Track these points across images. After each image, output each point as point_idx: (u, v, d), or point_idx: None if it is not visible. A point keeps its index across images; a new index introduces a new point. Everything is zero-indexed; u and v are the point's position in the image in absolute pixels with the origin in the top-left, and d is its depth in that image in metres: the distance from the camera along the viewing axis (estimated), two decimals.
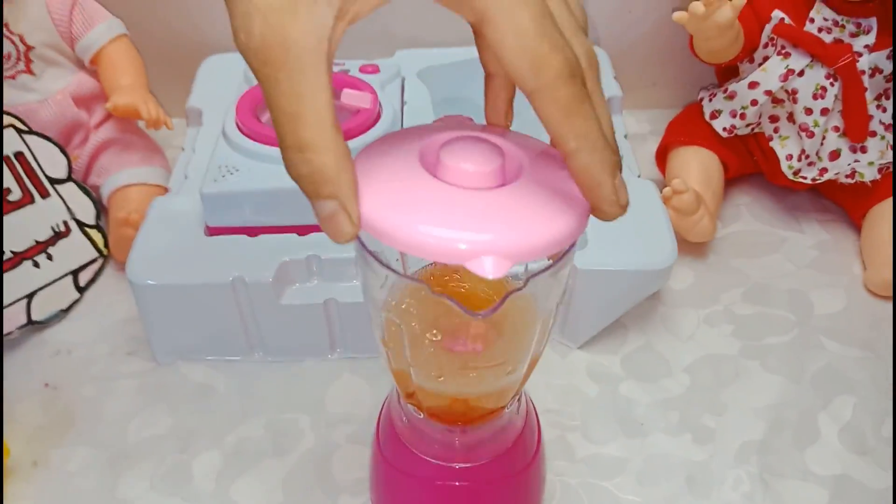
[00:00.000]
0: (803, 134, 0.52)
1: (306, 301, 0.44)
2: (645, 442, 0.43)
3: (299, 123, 0.22)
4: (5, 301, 0.47)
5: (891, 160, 0.52)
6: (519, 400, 0.34)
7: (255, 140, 0.47)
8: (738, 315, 0.50)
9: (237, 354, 0.47)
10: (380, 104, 0.50)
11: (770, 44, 0.52)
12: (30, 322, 0.48)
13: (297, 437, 0.43)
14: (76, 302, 0.51)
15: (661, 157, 0.58)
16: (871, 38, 0.50)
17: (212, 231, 0.46)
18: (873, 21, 0.50)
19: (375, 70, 0.55)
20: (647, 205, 0.48)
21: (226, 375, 0.46)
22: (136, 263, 0.44)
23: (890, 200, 0.52)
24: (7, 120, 0.49)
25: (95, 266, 0.53)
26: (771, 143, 0.54)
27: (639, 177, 0.50)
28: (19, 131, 0.50)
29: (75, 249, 0.52)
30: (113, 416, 0.44)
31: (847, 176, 0.53)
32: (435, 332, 0.27)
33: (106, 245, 0.53)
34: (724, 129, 0.55)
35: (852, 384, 0.46)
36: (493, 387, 0.29)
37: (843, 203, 0.56)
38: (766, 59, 0.52)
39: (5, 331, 0.47)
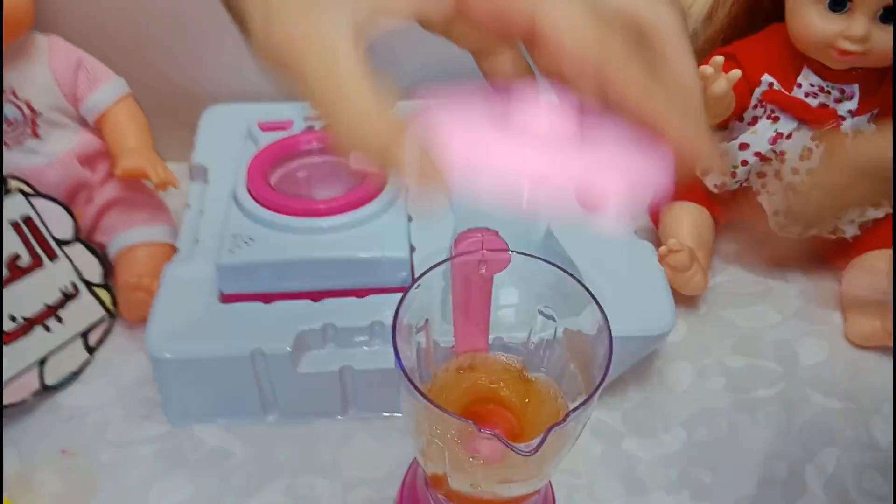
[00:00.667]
0: (790, 192, 0.55)
1: (322, 369, 0.46)
2: (647, 499, 0.45)
3: (342, 104, 0.21)
4: (18, 369, 0.48)
5: (869, 217, 0.55)
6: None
7: (268, 208, 0.48)
8: (729, 367, 0.53)
9: (251, 417, 0.48)
10: None
11: (759, 105, 0.55)
12: (43, 388, 0.49)
13: (315, 501, 0.45)
14: (87, 363, 0.52)
15: (655, 211, 0.60)
16: (853, 104, 0.53)
17: (226, 298, 0.47)
18: (856, 87, 0.53)
19: None
20: (646, 267, 0.50)
21: (241, 439, 0.48)
22: (154, 336, 0.45)
23: (868, 255, 0.55)
24: (14, 184, 0.50)
25: (104, 326, 0.53)
26: (759, 198, 0.57)
27: (635, 233, 0.53)
28: (26, 195, 0.50)
29: (84, 310, 0.52)
30: (132, 484, 0.45)
31: (830, 232, 0.55)
32: (478, 457, 0.29)
33: (114, 303, 0.54)
34: (715, 185, 0.57)
35: (835, 436, 0.49)
36: (527, 490, 0.31)
37: (825, 254, 0.59)
38: (755, 119, 0.55)
39: (19, 398, 0.48)
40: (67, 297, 0.51)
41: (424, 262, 0.48)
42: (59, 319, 0.51)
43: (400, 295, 0.31)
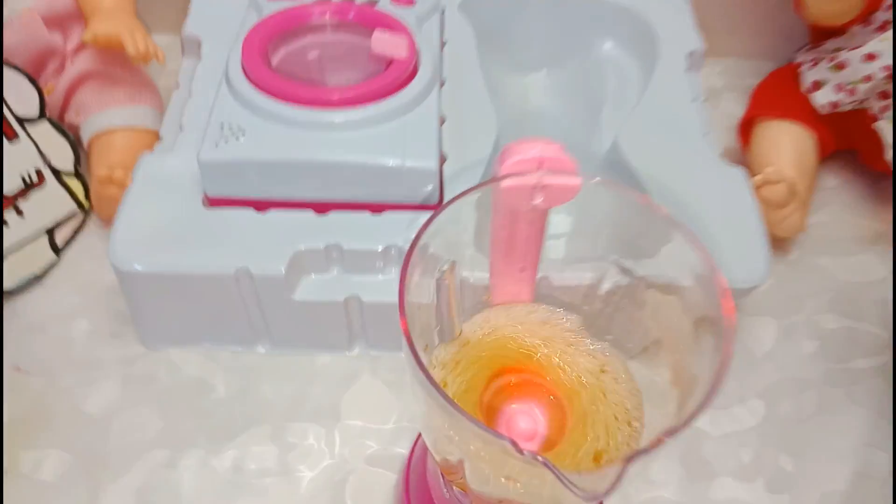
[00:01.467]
0: None
1: (324, 298, 0.37)
2: (711, 486, 0.37)
3: None
4: None
5: None
6: None
7: (266, 92, 0.38)
8: (823, 329, 0.43)
9: (239, 344, 0.40)
10: (417, 52, 0.41)
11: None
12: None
13: (307, 454, 0.37)
14: (51, 266, 0.44)
15: (746, 130, 0.49)
16: None
17: (211, 202, 0.39)
18: None
19: (410, 2, 0.45)
20: (735, 200, 0.40)
21: (225, 370, 0.40)
22: (121, 243, 0.36)
23: None
24: None
25: (75, 222, 0.45)
26: (876, 124, 0.45)
27: (721, 156, 0.42)
28: None
29: (51, 203, 0.44)
30: (93, 413, 0.38)
31: None
32: (510, 479, 0.20)
33: (87, 196, 0.45)
34: (828, 103, 0.46)
35: None
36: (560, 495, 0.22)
37: None
38: (886, 24, 0.43)
39: None
40: (30, 186, 0.43)
41: (457, 176, 0.39)
42: (20, 212, 0.42)
43: (423, 214, 0.22)
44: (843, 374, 0.41)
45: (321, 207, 0.38)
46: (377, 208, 0.38)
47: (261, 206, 0.38)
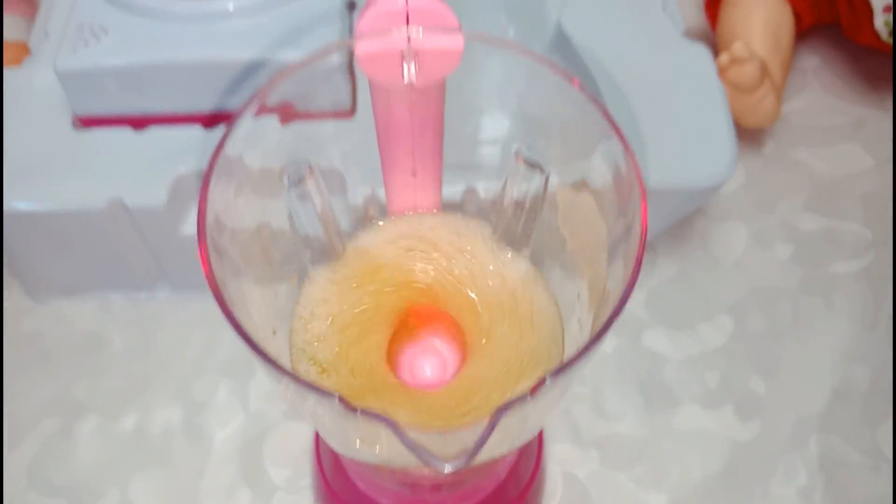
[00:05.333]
0: None
1: None
2: (674, 415, 0.33)
3: None
4: None
5: None
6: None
7: None
8: (800, 230, 0.38)
9: (136, 290, 0.35)
10: None
11: None
12: None
13: (218, 412, 0.33)
14: None
15: (713, 7, 0.42)
16: None
17: (82, 122, 0.33)
18: None
19: None
20: (699, 83, 0.34)
21: (123, 322, 0.35)
22: None
23: None
24: None
25: None
26: None
27: (684, 35, 0.36)
28: None
29: None
30: None
31: None
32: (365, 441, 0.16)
33: None
34: None
35: None
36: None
37: None
38: None
39: None
40: None
41: None
42: None
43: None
44: (822, 280, 0.37)
45: (210, 120, 0.32)
46: (281, 115, 0.32)
47: (139, 123, 0.32)
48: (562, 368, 0.14)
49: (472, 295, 0.21)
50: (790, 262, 0.37)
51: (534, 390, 0.13)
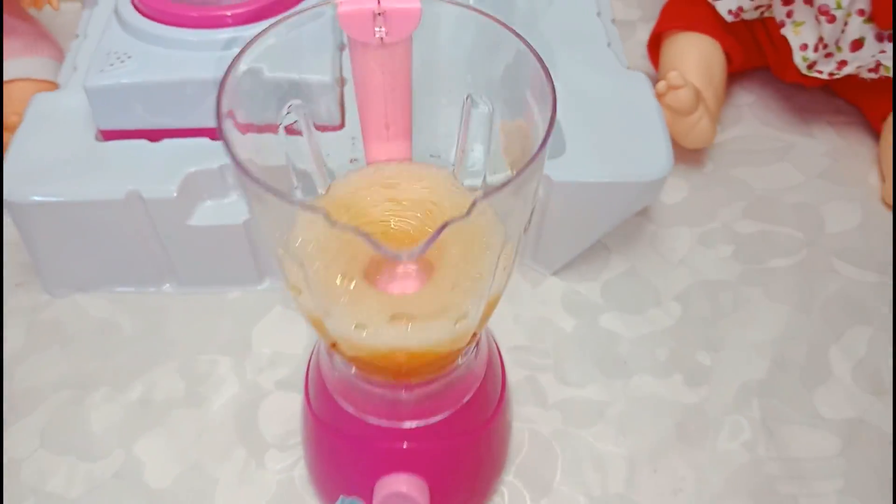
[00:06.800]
0: (822, 18, 0.43)
1: (222, 221, 0.36)
2: (628, 384, 0.36)
3: None
4: None
5: None
6: (478, 344, 0.27)
7: (151, 18, 0.37)
8: (739, 234, 0.43)
9: (146, 285, 0.40)
10: None
11: None
12: None
13: (217, 384, 0.36)
14: None
15: (654, 46, 0.49)
16: None
17: (105, 135, 0.38)
18: None
19: None
20: (638, 103, 0.39)
21: (132, 311, 0.39)
22: (12, 176, 0.35)
23: None
24: None
25: None
26: (783, 31, 0.46)
27: (627, 69, 0.42)
28: None
29: None
30: None
31: (870, 70, 0.45)
32: (346, 277, 0.20)
33: None
34: (730, 11, 0.46)
35: (868, 314, 0.39)
36: (437, 338, 0.22)
37: (861, 103, 0.49)
38: None
39: None
40: None
41: None
42: None
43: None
44: (760, 273, 0.41)
45: (216, 134, 0.37)
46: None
47: (154, 136, 0.37)
48: (490, 193, 0.18)
49: (433, 224, 0.25)
50: (731, 259, 0.42)
51: (469, 211, 0.17)
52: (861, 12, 0.43)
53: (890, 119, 0.46)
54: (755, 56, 0.49)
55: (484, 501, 0.32)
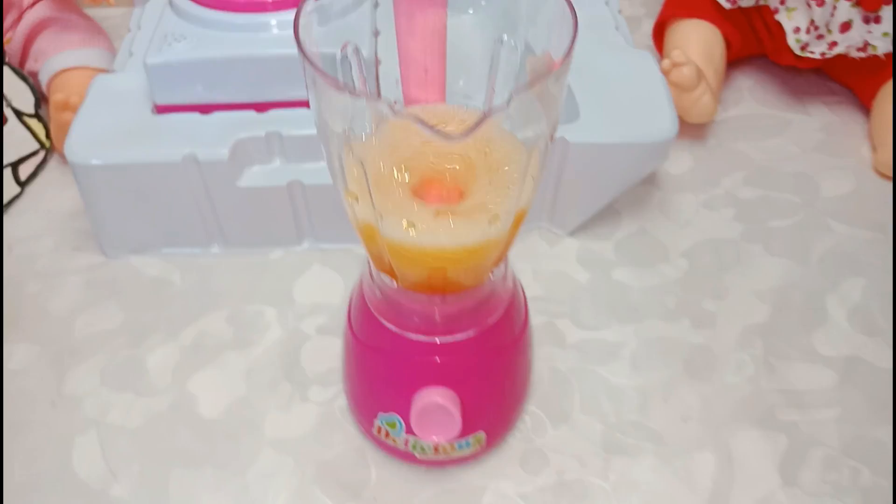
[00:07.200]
0: (813, 3, 0.47)
1: (267, 183, 0.40)
2: (640, 327, 0.39)
3: None
4: None
5: None
6: (505, 268, 0.31)
7: (203, 5, 0.42)
8: (740, 199, 0.46)
9: (195, 246, 0.43)
10: None
11: None
12: None
13: (263, 330, 0.39)
14: (17, 197, 0.47)
15: (659, 33, 0.53)
16: None
17: (160, 109, 0.42)
18: None
19: None
20: (645, 76, 0.43)
21: (182, 269, 0.42)
22: (76, 143, 0.39)
23: None
24: None
25: (37, 159, 0.48)
26: (777, 16, 0.49)
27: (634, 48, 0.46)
28: None
29: (14, 141, 0.47)
30: (58, 313, 0.41)
31: (859, 49, 0.48)
32: (403, 170, 0.23)
33: (48, 136, 0.48)
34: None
35: (861, 266, 0.42)
36: (474, 239, 0.25)
37: (852, 83, 0.52)
38: None
39: None
40: None
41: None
42: None
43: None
44: (760, 232, 0.44)
45: (262, 107, 0.41)
46: None
47: (205, 109, 0.41)
48: (520, 89, 0.21)
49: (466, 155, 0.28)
50: (733, 220, 0.45)
51: (507, 103, 0.21)
52: None
53: (880, 94, 0.50)
54: (752, 42, 0.53)
55: (509, 425, 0.35)
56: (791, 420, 0.36)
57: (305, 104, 0.41)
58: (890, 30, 0.48)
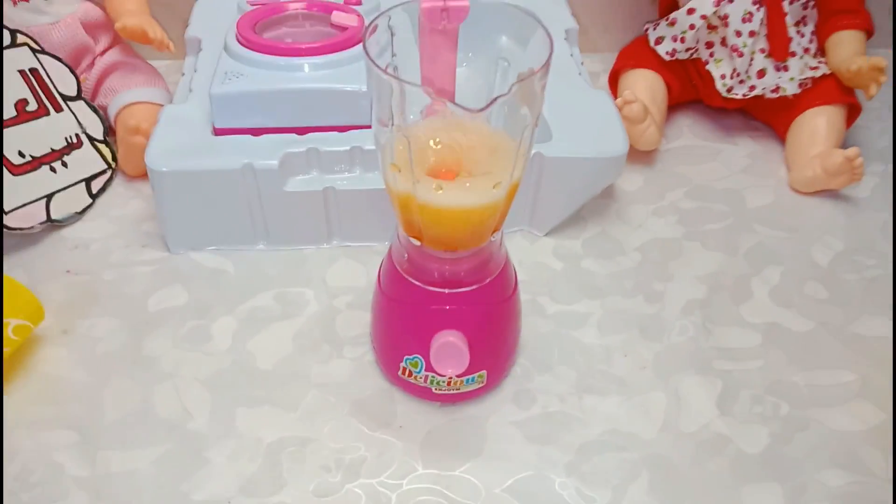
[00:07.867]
0: (734, 54, 0.60)
1: (307, 188, 0.50)
2: (604, 302, 0.50)
3: None
4: (27, 199, 0.52)
5: (809, 76, 0.60)
6: (501, 238, 0.41)
7: (257, 51, 0.52)
8: (682, 208, 0.57)
9: (243, 244, 0.53)
10: (364, 22, 0.56)
11: None
12: (49, 220, 0.53)
13: (303, 305, 0.49)
14: (89, 206, 0.56)
15: (613, 80, 0.65)
16: None
17: (218, 132, 0.52)
18: None
19: (358, 2, 0.61)
20: (603, 109, 0.55)
21: (234, 261, 0.52)
22: (155, 154, 0.49)
23: (808, 112, 0.60)
24: (21, 39, 0.54)
25: (105, 177, 0.57)
26: (707, 67, 0.62)
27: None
28: (33, 50, 0.54)
29: (87, 160, 0.56)
30: (132, 293, 0.49)
31: (772, 91, 0.61)
32: (437, 139, 0.34)
33: (114, 158, 0.58)
34: (667, 52, 0.62)
35: (780, 257, 0.53)
36: (481, 200, 0.35)
37: (770, 120, 0.64)
38: None
39: (27, 225, 0.52)
40: (71, 146, 0.56)
41: None
42: (65, 164, 0.55)
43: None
44: (698, 233, 0.55)
45: (302, 131, 0.52)
46: (344, 129, 0.52)
47: (257, 132, 0.51)
48: (524, 77, 0.32)
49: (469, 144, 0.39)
50: (676, 224, 0.56)
51: (510, 88, 0.31)
52: (763, 50, 0.60)
53: (792, 127, 0.62)
54: (689, 87, 0.65)
55: (505, 370, 0.44)
56: (725, 369, 0.46)
57: (337, 129, 0.52)
58: (796, 75, 0.60)
